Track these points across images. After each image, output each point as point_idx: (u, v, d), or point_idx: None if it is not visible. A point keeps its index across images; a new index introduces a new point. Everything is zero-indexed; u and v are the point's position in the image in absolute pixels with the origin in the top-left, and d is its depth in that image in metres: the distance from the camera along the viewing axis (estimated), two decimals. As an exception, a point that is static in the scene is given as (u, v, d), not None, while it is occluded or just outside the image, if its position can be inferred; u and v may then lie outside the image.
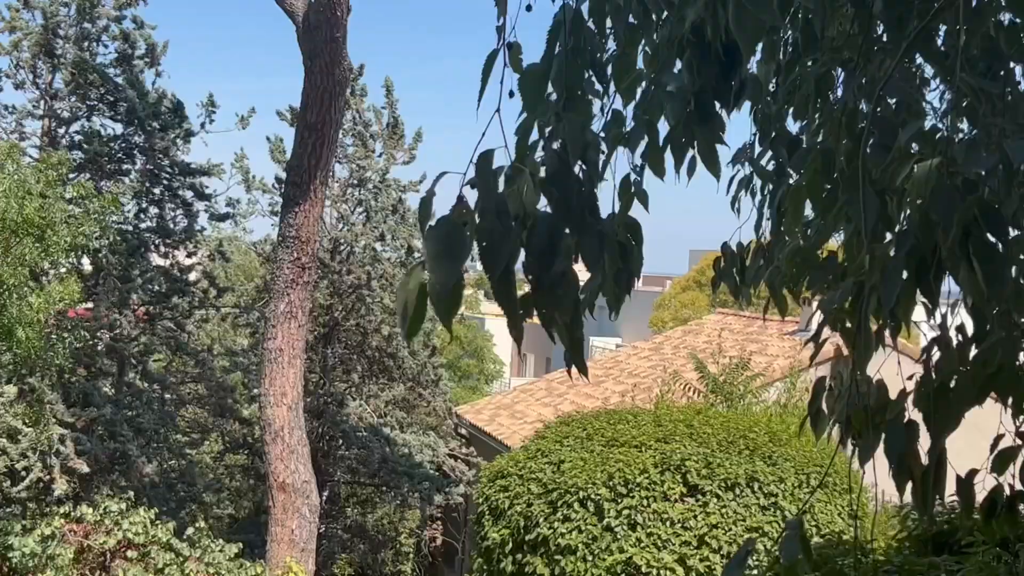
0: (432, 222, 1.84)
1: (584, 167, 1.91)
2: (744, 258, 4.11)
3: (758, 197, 4.03)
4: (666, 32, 2.91)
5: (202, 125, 18.59)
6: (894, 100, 2.56)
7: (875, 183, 2.40)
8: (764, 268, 3.85)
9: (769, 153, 3.73)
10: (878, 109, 2.32)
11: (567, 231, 1.81)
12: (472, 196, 1.83)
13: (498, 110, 1.86)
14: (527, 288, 1.92)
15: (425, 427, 21.65)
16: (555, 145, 1.92)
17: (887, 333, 2.53)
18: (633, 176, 2.85)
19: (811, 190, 2.74)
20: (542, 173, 1.87)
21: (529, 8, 1.98)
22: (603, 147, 2.85)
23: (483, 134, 1.91)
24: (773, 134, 3.69)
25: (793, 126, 3.84)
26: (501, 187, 1.82)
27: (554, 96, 2.22)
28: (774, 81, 3.58)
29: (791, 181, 3.37)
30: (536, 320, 1.88)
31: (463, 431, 21.67)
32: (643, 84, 2.98)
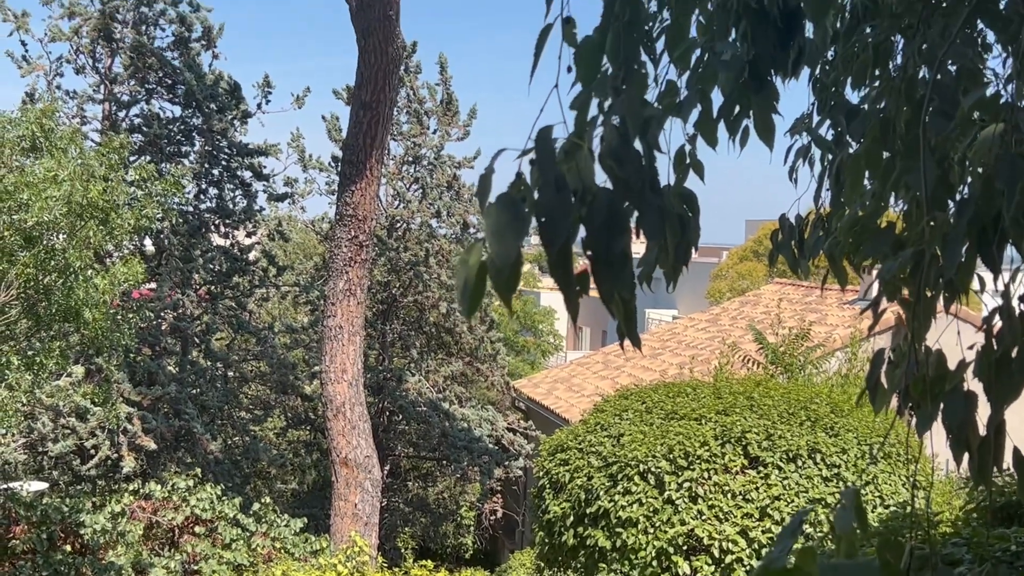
0: (491, 198, 1.86)
1: (644, 142, 1.91)
2: (803, 230, 4.07)
3: (817, 167, 3.99)
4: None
5: (259, 106, 18.81)
6: (954, 67, 2.52)
7: (935, 151, 2.38)
8: (823, 240, 3.82)
9: (828, 122, 3.69)
10: (938, 76, 2.29)
11: (627, 206, 1.82)
12: (530, 171, 1.85)
13: (556, 85, 1.87)
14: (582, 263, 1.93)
15: (484, 401, 21.80)
16: (614, 120, 1.92)
17: (942, 302, 2.51)
18: (688, 147, 2.85)
19: (870, 159, 2.71)
20: (601, 148, 1.87)
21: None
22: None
23: (541, 111, 1.92)
24: (832, 103, 3.65)
25: (852, 95, 3.80)
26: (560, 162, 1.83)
27: (610, 70, 2.22)
28: (832, 49, 3.55)
29: (850, 150, 3.34)
30: (593, 294, 1.90)
31: (521, 405, 21.77)
32: (697, 52, 2.96)
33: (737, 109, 2.70)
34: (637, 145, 1.96)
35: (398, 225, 21.13)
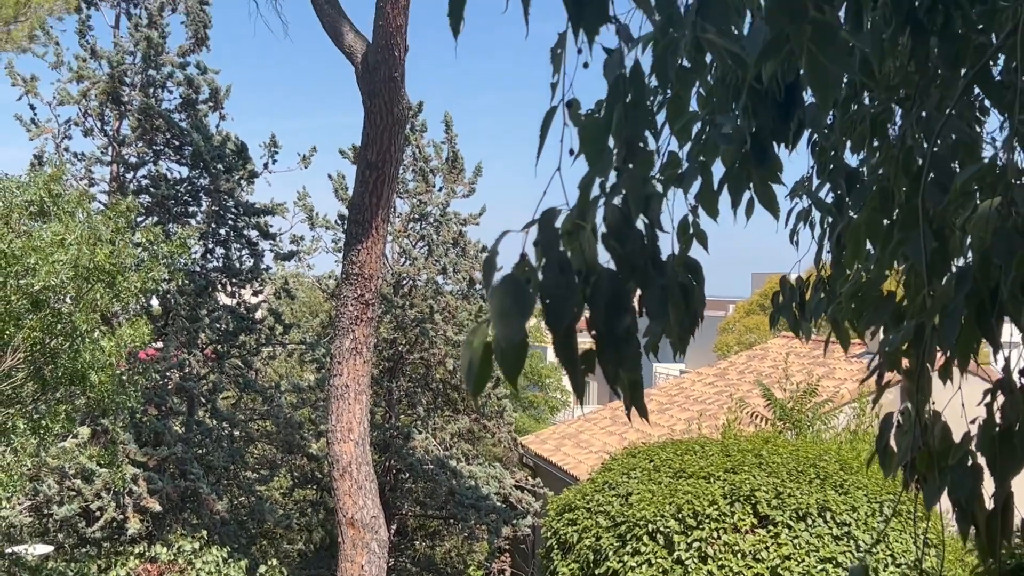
0: (496, 279, 1.88)
1: (646, 220, 1.93)
2: (804, 292, 4.09)
3: (817, 230, 4.02)
4: (720, 74, 2.93)
5: (265, 165, 18.96)
6: (952, 135, 2.55)
7: (933, 221, 2.40)
8: (824, 302, 3.83)
9: (827, 185, 3.73)
10: (935, 148, 2.32)
11: (630, 285, 1.84)
12: (534, 251, 1.87)
13: (559, 168, 1.90)
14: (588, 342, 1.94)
15: (491, 458, 21.68)
16: (616, 200, 1.95)
17: (953, 365, 2.51)
18: (691, 217, 2.88)
19: (870, 227, 2.73)
20: (604, 228, 1.90)
21: (586, 66, 2.01)
22: (659, 189, 2.87)
23: (544, 192, 1.94)
24: (831, 166, 3.69)
25: (851, 158, 3.83)
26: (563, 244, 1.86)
27: (615, 148, 2.25)
28: (831, 114, 3.59)
29: (851, 213, 3.37)
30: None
31: (529, 461, 21.65)
32: (698, 124, 3.00)
33: (739, 181, 2.73)
34: (640, 222, 1.99)
35: (404, 282, 21.18)
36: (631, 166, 2.21)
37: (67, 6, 18.41)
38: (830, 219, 3.83)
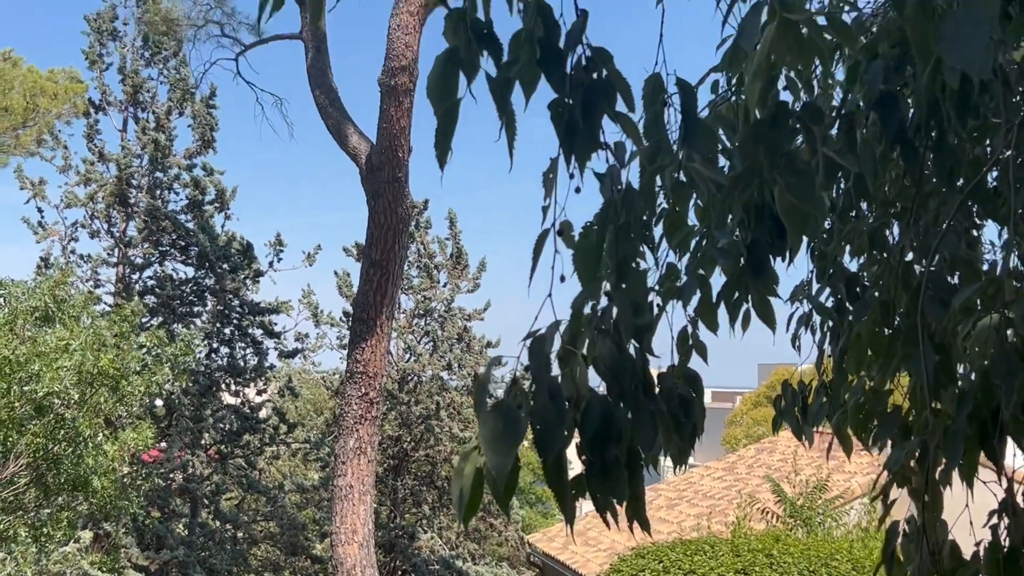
0: (487, 404, 1.86)
1: (637, 345, 1.92)
2: (806, 396, 4.06)
3: (818, 334, 4.00)
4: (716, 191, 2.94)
5: (270, 264, 19.06)
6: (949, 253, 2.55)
7: (935, 335, 2.38)
8: (827, 407, 3.80)
9: (827, 290, 3.72)
10: (933, 265, 2.32)
11: (621, 412, 1.82)
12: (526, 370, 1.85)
13: (550, 295, 1.89)
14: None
15: (498, 558, 21.34)
16: (608, 323, 1.93)
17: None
18: (690, 328, 2.86)
19: (872, 340, 2.71)
20: (596, 354, 1.88)
21: (578, 190, 2.02)
22: (658, 301, 2.87)
23: (536, 317, 1.93)
24: (831, 271, 3.68)
25: (851, 262, 3.83)
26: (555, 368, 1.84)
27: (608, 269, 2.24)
28: (829, 220, 3.59)
29: (850, 317, 3.35)
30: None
31: (537, 560, 21.29)
32: (696, 237, 3.01)
33: (736, 294, 2.72)
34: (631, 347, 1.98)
35: (409, 379, 21.11)
36: (624, 285, 2.21)
37: (75, 110, 18.74)
38: (830, 323, 3.82)
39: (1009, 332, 1.95)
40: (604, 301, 2.08)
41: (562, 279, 1.93)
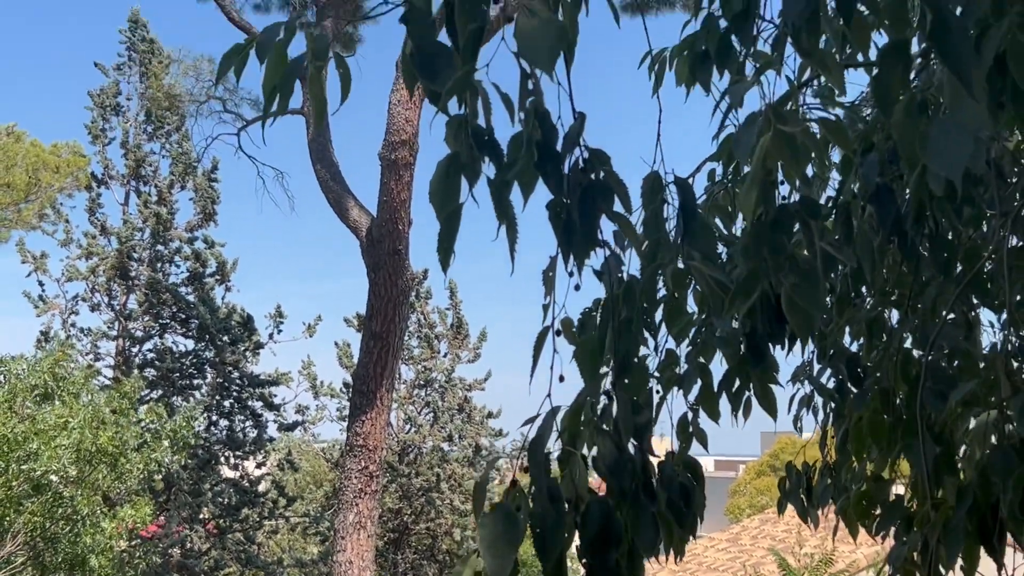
0: (487, 506, 1.85)
1: (636, 444, 1.92)
2: (811, 478, 4.04)
3: (821, 414, 3.99)
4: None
5: (270, 336, 19.07)
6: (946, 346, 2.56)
7: (935, 426, 2.38)
8: (831, 488, 3.78)
9: (829, 370, 3.72)
10: (931, 354, 2.33)
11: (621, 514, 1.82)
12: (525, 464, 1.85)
13: (549, 394, 1.89)
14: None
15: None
16: (608, 422, 1.94)
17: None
18: (690, 415, 2.87)
19: (872, 429, 2.71)
20: (595, 453, 1.89)
21: (577, 288, 2.03)
22: (658, 388, 2.87)
23: (537, 414, 1.93)
24: (831, 351, 3.68)
25: (851, 344, 3.83)
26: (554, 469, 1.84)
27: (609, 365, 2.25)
28: (828, 300, 3.60)
29: (851, 398, 3.35)
30: None
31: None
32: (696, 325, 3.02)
33: (737, 383, 2.72)
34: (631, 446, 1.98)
35: (410, 450, 20.99)
36: (626, 381, 2.21)
37: (78, 184, 18.88)
38: (832, 404, 3.81)
39: (1007, 427, 1.95)
40: (603, 400, 2.08)
41: (561, 379, 1.94)
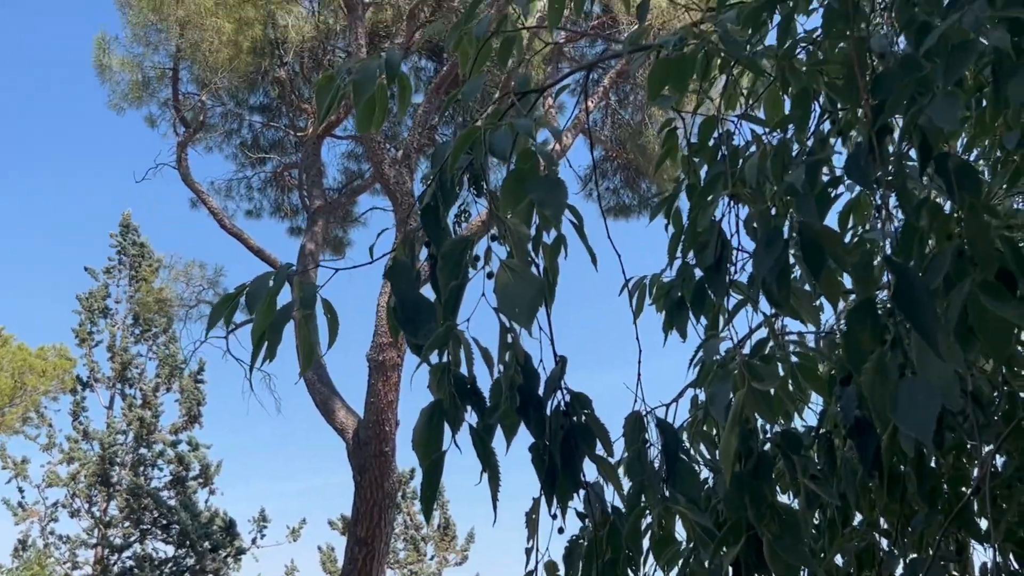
0: None
1: None
2: None
3: None
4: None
5: (253, 540, 18.66)
6: None
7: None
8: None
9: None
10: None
11: None
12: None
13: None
14: None
15: None
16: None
17: None
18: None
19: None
20: None
21: (561, 531, 2.03)
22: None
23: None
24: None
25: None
26: None
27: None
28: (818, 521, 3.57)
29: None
30: None
31: None
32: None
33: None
34: None
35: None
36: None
37: (63, 387, 18.81)
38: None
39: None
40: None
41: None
